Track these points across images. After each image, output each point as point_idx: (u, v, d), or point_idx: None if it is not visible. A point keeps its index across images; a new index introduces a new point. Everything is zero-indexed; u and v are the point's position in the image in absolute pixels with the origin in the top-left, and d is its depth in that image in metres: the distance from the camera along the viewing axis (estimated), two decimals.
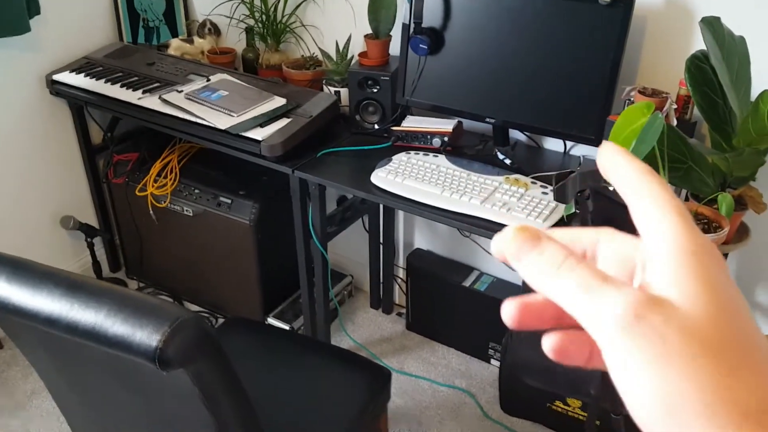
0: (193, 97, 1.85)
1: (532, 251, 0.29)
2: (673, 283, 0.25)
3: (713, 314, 0.24)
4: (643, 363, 0.24)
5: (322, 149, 1.76)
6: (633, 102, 1.48)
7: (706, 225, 1.21)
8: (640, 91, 1.47)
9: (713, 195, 1.27)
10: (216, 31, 2.20)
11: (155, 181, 2.12)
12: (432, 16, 1.68)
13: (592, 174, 0.86)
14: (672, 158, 1.24)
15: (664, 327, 0.24)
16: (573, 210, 1.36)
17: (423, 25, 1.68)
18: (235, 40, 2.21)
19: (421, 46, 1.68)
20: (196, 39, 2.20)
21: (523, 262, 0.29)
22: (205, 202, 2.06)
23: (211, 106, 1.81)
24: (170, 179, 2.12)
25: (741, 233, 1.33)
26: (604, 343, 0.26)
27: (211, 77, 1.97)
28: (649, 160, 1.15)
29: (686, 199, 1.36)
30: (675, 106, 1.41)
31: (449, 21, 1.67)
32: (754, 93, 1.29)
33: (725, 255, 1.32)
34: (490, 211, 1.46)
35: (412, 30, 1.68)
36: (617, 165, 0.29)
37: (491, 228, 1.44)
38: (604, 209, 1.41)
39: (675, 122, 1.39)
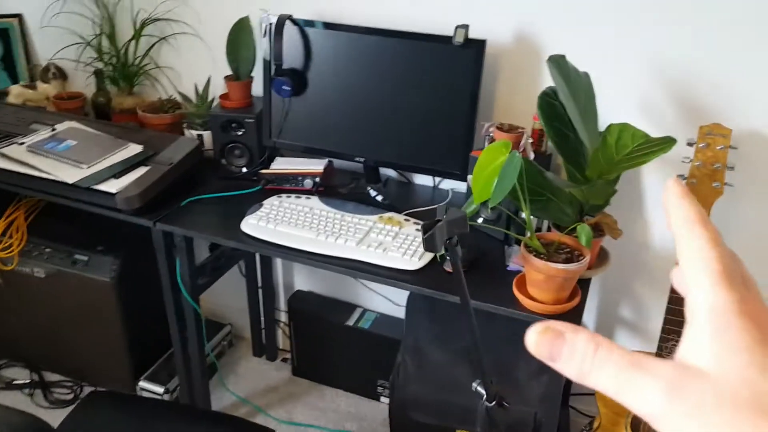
0: (36, 149, 1.68)
1: (562, 351, 0.30)
2: (706, 350, 0.27)
3: (743, 376, 0.26)
4: None
5: (186, 197, 1.66)
6: (493, 137, 1.53)
7: (569, 254, 1.26)
8: (498, 127, 1.52)
9: (573, 224, 1.33)
10: (62, 75, 2.03)
11: None
12: (293, 58, 1.65)
13: (457, 222, 0.86)
14: (532, 191, 1.28)
15: (700, 401, 0.26)
16: (443, 255, 1.37)
17: (284, 67, 1.65)
18: (83, 83, 2.06)
19: (284, 87, 1.64)
20: (39, 84, 2.02)
21: (559, 364, 0.30)
22: (58, 261, 1.88)
23: (58, 158, 1.66)
24: (17, 239, 1.91)
25: (602, 258, 1.41)
26: (653, 424, 0.27)
27: (57, 126, 1.81)
28: (512, 194, 1.18)
29: (548, 229, 1.41)
30: (531, 140, 1.47)
31: (310, 62, 1.65)
32: (601, 125, 1.38)
33: (588, 280, 1.38)
34: (366, 253, 1.44)
35: (273, 71, 1.64)
36: (677, 208, 0.31)
37: (370, 270, 1.41)
38: (472, 251, 1.43)
39: (532, 156, 1.44)
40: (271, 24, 1.63)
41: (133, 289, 1.90)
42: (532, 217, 1.29)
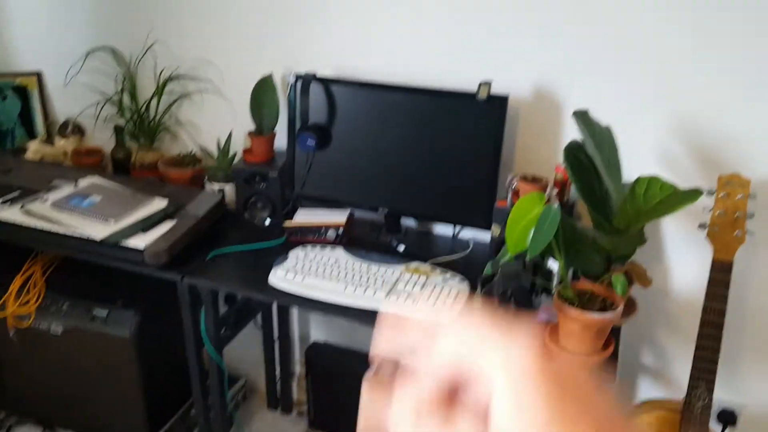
0: (61, 205, 1.70)
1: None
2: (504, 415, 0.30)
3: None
4: None
5: (211, 251, 1.67)
6: (516, 188, 1.58)
7: (603, 303, 1.28)
8: (522, 178, 1.56)
9: (602, 273, 1.35)
10: (80, 131, 2.06)
11: (16, 298, 1.89)
12: (316, 113, 1.70)
13: (512, 275, 0.88)
14: (564, 242, 1.31)
15: None
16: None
17: (312, 122, 1.69)
18: (102, 139, 2.09)
19: (308, 142, 1.68)
20: (57, 140, 2.04)
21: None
22: (76, 317, 1.86)
23: (84, 214, 1.67)
24: (34, 294, 1.90)
25: (629, 306, 1.43)
26: None
27: (79, 181, 1.83)
28: (546, 246, 1.21)
29: (577, 278, 1.44)
30: (556, 191, 1.51)
31: (334, 117, 1.70)
32: (624, 176, 1.43)
33: (618, 329, 1.40)
34: (396, 304, 1.46)
35: (299, 127, 1.68)
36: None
37: None
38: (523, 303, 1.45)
39: (557, 205, 1.48)
40: (296, 82, 1.68)
41: (153, 344, 1.88)
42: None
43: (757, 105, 1.42)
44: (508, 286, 0.88)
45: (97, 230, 1.61)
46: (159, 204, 1.74)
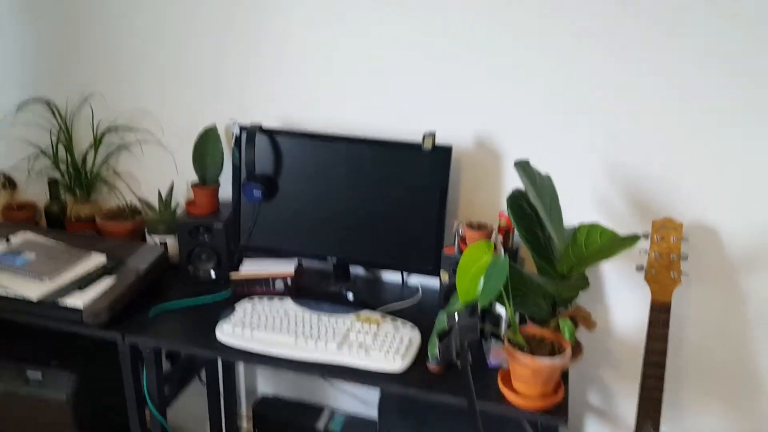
0: None
1: None
2: None
3: None
4: None
5: (153, 307, 1.62)
6: (462, 234, 1.61)
7: (551, 347, 1.31)
8: (467, 225, 1.60)
9: (547, 317, 1.39)
10: (11, 184, 1.98)
11: None
12: (263, 163, 1.69)
13: (469, 327, 0.89)
14: (511, 288, 1.34)
15: None
16: (434, 352, 1.40)
17: (257, 172, 1.68)
18: (35, 192, 2.01)
19: (255, 193, 1.66)
20: None
21: None
22: (9, 381, 1.75)
23: (17, 273, 1.59)
24: None
25: (576, 349, 1.47)
26: None
27: (11, 238, 1.75)
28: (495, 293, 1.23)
29: (524, 322, 1.47)
30: (501, 238, 1.54)
31: (281, 167, 1.69)
32: (564, 219, 1.48)
33: (566, 371, 1.43)
34: (349, 355, 1.44)
35: (244, 178, 1.67)
36: None
37: (353, 373, 1.41)
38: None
39: (503, 252, 1.52)
40: (240, 132, 1.67)
41: (92, 406, 1.79)
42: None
43: (684, 154, 1.51)
44: (466, 339, 0.89)
45: (32, 290, 1.53)
46: (97, 259, 1.68)
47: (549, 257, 1.44)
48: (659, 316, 1.45)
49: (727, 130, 1.46)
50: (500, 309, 1.42)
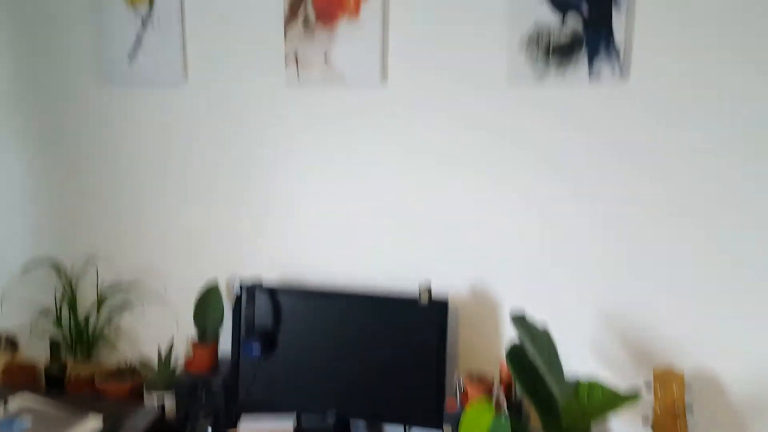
0: None
1: None
2: None
3: None
4: None
5: None
6: (462, 386, 1.59)
7: None
8: (468, 377, 1.58)
9: None
10: (13, 345, 1.98)
11: None
12: (263, 319, 1.71)
13: None
14: None
15: None
16: None
17: (256, 328, 1.69)
18: (36, 352, 2.01)
19: (254, 350, 1.67)
20: None
21: None
22: None
23: None
24: None
25: None
26: None
27: (9, 402, 1.73)
28: None
29: None
30: (502, 392, 1.52)
31: (280, 323, 1.71)
32: (566, 369, 1.47)
33: None
34: None
35: (244, 334, 1.68)
36: None
37: None
38: None
39: (505, 406, 1.49)
40: (240, 289, 1.70)
41: None
42: None
43: (683, 301, 1.53)
44: None
45: None
46: (94, 424, 1.65)
47: (552, 412, 1.41)
48: None
49: (726, 279, 1.49)
50: None
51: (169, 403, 1.79)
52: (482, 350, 1.70)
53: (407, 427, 1.78)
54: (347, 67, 1.66)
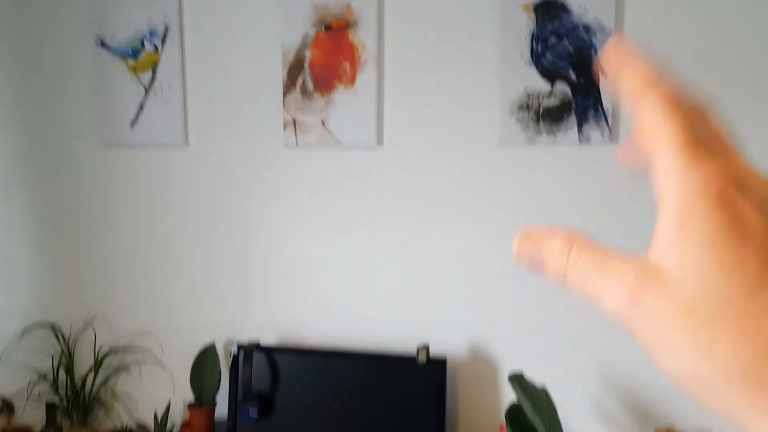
0: None
1: (541, 256, 0.28)
2: (669, 246, 0.24)
3: (701, 278, 0.23)
4: (650, 346, 0.24)
5: None
6: None
7: None
8: None
9: None
10: (9, 409, 1.96)
11: None
12: (260, 380, 1.70)
13: None
14: None
15: (656, 306, 0.24)
16: None
17: (253, 391, 1.68)
18: (32, 415, 1.98)
19: (251, 414, 1.65)
20: None
21: (540, 268, 0.28)
22: None
23: None
24: None
25: None
26: (623, 326, 0.25)
27: None
28: None
29: None
30: None
31: (278, 384, 1.70)
32: (567, 429, 1.45)
33: None
34: None
35: (241, 398, 1.67)
36: (627, 70, 0.27)
37: None
38: None
39: None
40: (237, 352, 1.70)
41: None
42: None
43: None
44: None
45: None
46: None
47: None
48: None
49: None
50: None
51: None
52: (483, 411, 1.69)
53: None
54: (344, 132, 1.70)
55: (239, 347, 1.71)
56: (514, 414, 1.42)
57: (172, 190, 1.89)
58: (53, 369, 1.93)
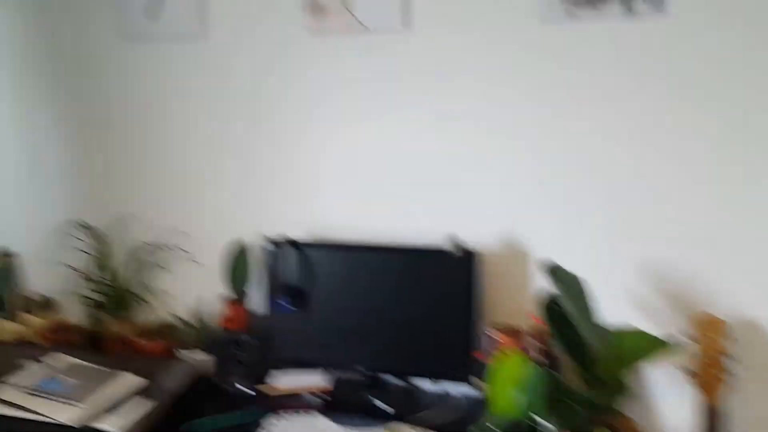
0: (28, 389, 1.62)
1: None
2: None
3: None
4: None
5: (184, 423, 1.59)
6: (491, 337, 1.58)
7: None
8: (498, 329, 1.57)
9: (587, 427, 1.33)
10: (50, 306, 2.02)
11: None
12: (292, 276, 1.71)
13: None
14: (551, 399, 1.29)
15: None
16: None
17: (286, 284, 1.70)
18: (73, 312, 2.05)
19: (285, 305, 1.67)
20: (25, 316, 2.00)
21: None
22: None
23: (53, 398, 1.59)
24: None
25: None
26: None
27: (48, 361, 1.77)
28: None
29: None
30: (537, 344, 1.51)
31: (309, 278, 1.71)
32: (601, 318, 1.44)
33: None
34: None
35: (274, 290, 1.69)
36: None
37: None
38: None
39: (539, 359, 1.48)
40: (269, 246, 1.70)
41: None
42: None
43: (718, 249, 1.48)
44: None
45: (67, 415, 1.53)
46: (131, 380, 1.68)
47: (586, 363, 1.39)
48: (709, 421, 1.38)
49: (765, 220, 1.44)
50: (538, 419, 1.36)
51: (204, 359, 1.82)
52: (510, 304, 1.69)
53: (438, 381, 1.79)
54: (367, 14, 1.62)
55: (273, 242, 1.71)
56: (550, 305, 1.41)
57: (192, 83, 1.85)
58: (89, 266, 1.97)
